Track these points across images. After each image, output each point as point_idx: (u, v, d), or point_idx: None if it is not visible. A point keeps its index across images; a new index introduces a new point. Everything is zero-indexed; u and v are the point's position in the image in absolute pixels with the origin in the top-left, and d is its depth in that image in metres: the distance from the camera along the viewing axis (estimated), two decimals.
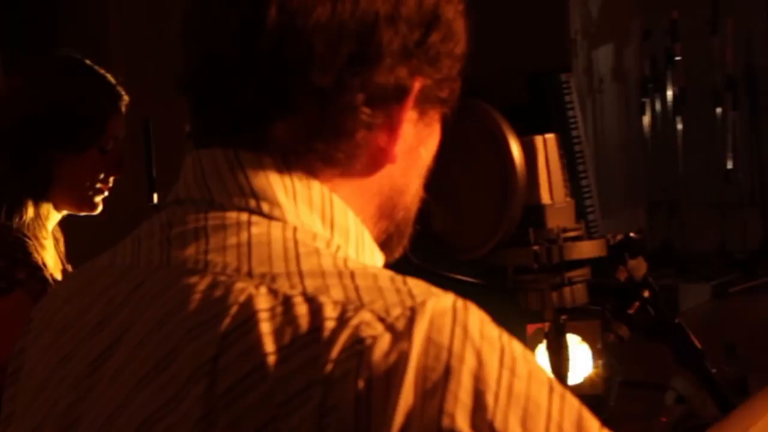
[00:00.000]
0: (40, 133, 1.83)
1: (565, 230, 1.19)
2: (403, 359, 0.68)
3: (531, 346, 2.31)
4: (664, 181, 6.02)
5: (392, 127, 0.83)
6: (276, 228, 0.79)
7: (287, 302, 0.72)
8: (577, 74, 5.19)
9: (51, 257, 1.88)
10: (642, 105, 5.96)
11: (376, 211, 0.88)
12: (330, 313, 0.71)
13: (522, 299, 1.19)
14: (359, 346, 0.68)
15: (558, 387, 0.74)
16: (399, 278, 0.75)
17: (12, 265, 1.73)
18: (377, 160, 0.84)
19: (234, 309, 0.72)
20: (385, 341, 0.69)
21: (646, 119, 5.99)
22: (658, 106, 5.97)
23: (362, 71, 0.80)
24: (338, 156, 0.82)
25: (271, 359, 0.69)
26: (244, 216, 0.79)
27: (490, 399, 0.69)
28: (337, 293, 0.72)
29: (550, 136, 1.20)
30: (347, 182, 0.84)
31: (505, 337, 0.74)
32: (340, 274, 0.74)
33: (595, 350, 2.30)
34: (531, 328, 2.38)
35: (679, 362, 1.32)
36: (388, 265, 1.06)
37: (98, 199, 1.93)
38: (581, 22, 5.31)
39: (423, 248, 1.21)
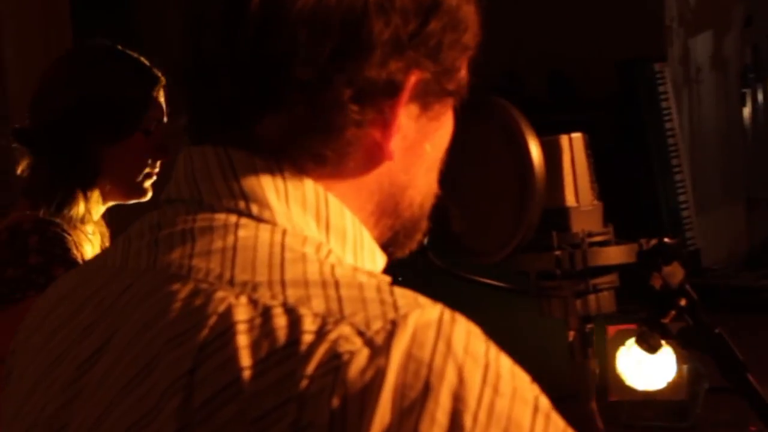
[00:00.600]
0: (82, 123, 1.85)
1: (590, 234, 1.13)
2: (379, 376, 0.66)
3: (612, 348, 2.25)
4: (765, 176, 5.80)
5: (386, 124, 0.80)
6: (264, 231, 0.77)
7: (266, 313, 0.70)
8: (673, 63, 5.01)
9: (95, 251, 1.89)
10: (742, 95, 5.75)
11: (376, 209, 0.85)
12: (309, 326, 0.69)
13: (545, 306, 1.14)
14: (336, 362, 0.67)
15: (544, 406, 0.71)
16: (386, 288, 0.73)
17: (50, 261, 1.75)
18: (373, 158, 0.81)
19: (212, 320, 0.71)
20: (362, 357, 0.67)
21: (747, 110, 5.77)
22: (759, 96, 5.76)
23: (349, 65, 0.77)
24: (328, 154, 0.79)
25: (247, 374, 0.68)
26: (233, 218, 0.78)
27: (468, 420, 0.67)
28: (318, 304, 0.70)
29: (577, 136, 1.14)
30: (342, 180, 0.81)
31: (493, 352, 0.71)
32: (324, 284, 0.72)
33: (680, 355, 2.22)
34: (612, 330, 2.30)
35: (721, 374, 1.25)
36: (410, 267, 1.03)
37: (148, 184, 1.94)
38: (678, 9, 5.14)
39: (447, 250, 1.18)
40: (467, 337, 0.70)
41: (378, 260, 0.86)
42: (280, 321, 0.70)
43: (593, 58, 4.43)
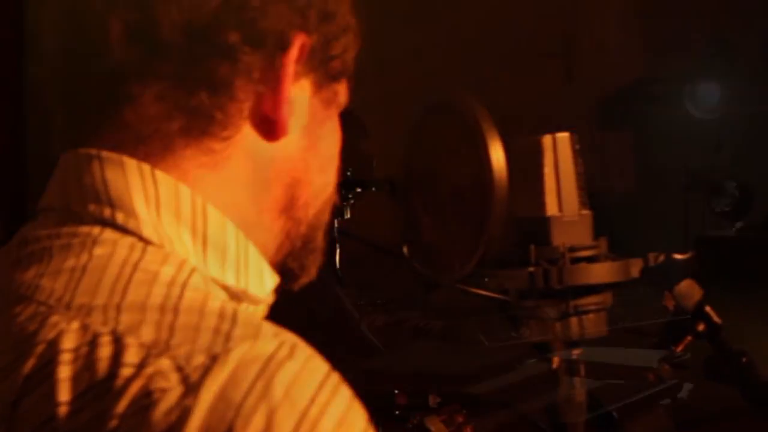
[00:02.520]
0: None
1: (574, 249, 0.99)
2: (183, 418, 0.61)
3: None
4: None
5: (277, 82, 0.73)
6: (122, 247, 0.71)
7: (94, 342, 0.65)
8: None
9: None
10: None
11: (273, 205, 0.78)
12: (131, 357, 0.64)
13: (524, 328, 1.01)
14: (146, 401, 0.62)
15: None
16: (230, 316, 0.66)
17: None
18: (268, 130, 0.74)
19: (40, 348, 0.66)
20: (172, 396, 0.61)
21: None
22: None
23: (236, 7, 0.71)
24: (217, 116, 0.72)
25: (63, 410, 0.63)
26: (96, 230, 0.72)
27: None
28: (147, 333, 0.65)
29: (563, 135, 1.00)
30: (233, 163, 0.75)
31: (323, 398, 0.64)
32: (162, 309, 0.66)
33: None
34: None
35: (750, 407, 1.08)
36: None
37: None
38: None
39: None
40: (295, 378, 0.63)
41: (267, 280, 0.79)
42: (105, 351, 0.65)
43: None
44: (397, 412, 1.79)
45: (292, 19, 0.74)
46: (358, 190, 2.41)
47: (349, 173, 2.36)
